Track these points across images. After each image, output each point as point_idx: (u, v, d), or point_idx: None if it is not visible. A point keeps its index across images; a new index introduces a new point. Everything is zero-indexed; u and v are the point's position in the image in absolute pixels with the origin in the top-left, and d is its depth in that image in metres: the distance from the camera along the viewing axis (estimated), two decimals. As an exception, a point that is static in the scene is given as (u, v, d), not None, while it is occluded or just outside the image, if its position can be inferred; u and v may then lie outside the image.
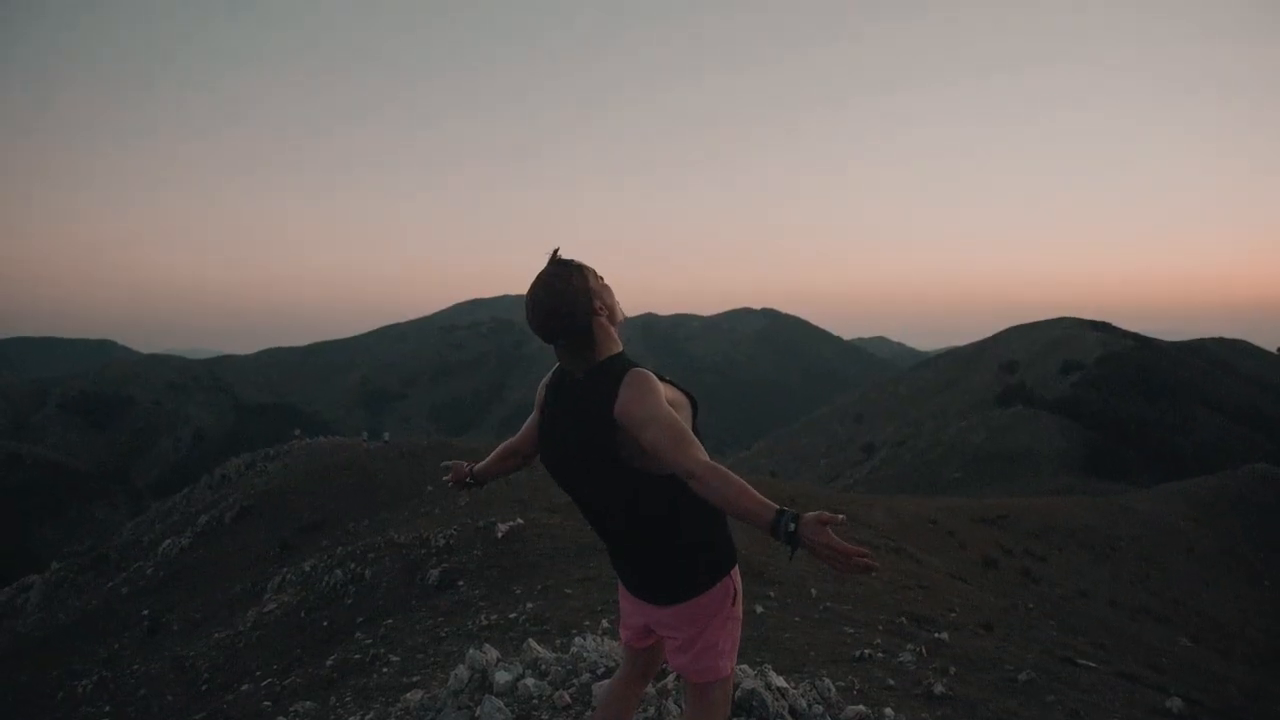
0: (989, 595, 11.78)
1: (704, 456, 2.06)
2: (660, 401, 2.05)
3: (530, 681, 3.25)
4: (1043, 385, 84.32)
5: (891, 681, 4.82)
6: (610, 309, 2.18)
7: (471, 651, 3.51)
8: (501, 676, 3.27)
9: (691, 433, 2.08)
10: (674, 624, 2.20)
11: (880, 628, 6.85)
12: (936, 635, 6.63)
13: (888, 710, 3.85)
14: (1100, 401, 76.93)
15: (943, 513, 23.97)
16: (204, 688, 9.28)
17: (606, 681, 2.62)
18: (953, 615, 8.22)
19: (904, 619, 7.37)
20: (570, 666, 3.49)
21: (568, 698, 3.24)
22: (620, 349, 2.19)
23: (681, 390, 2.21)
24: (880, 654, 5.61)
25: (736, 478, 2.01)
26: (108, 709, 10.17)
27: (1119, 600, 17.94)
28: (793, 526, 1.86)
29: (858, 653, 5.53)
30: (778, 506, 1.93)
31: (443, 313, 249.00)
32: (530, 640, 3.82)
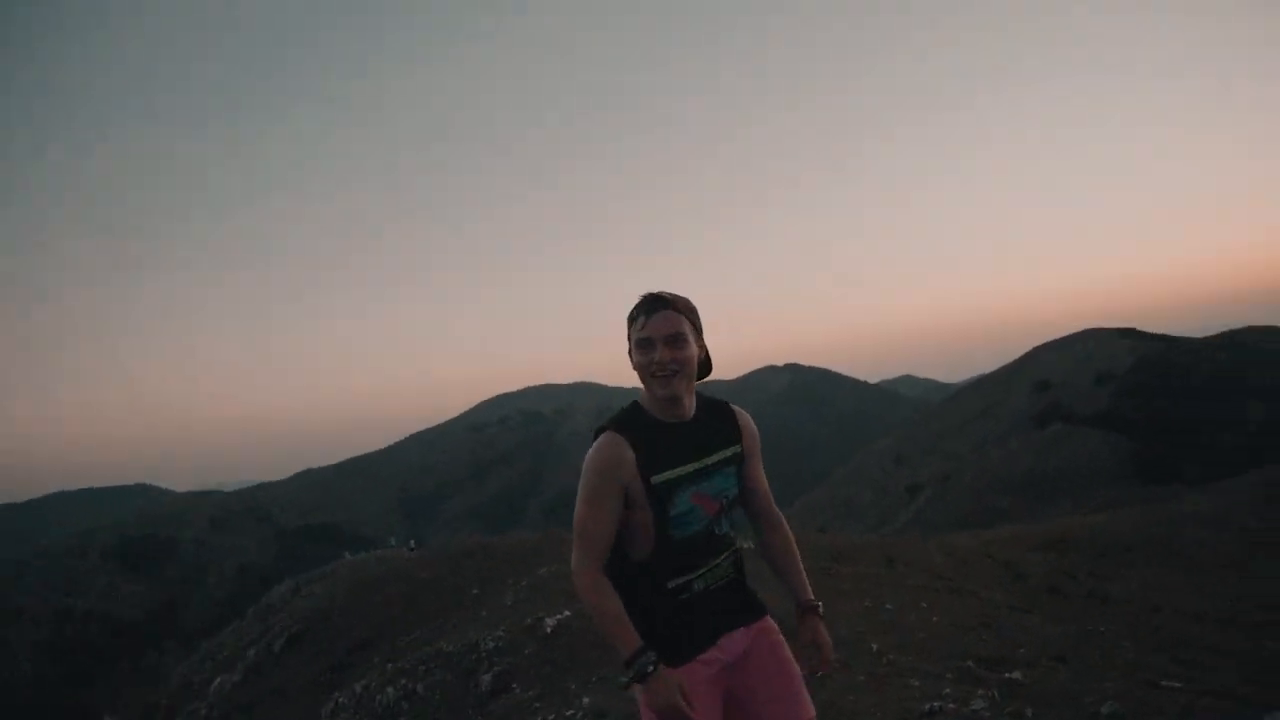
0: (1057, 624, 11.34)
1: (578, 556, 2.13)
2: (584, 480, 2.15)
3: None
4: (1079, 400, 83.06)
5: (967, 733, 4.58)
6: (643, 367, 2.19)
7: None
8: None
9: (585, 521, 2.12)
10: None
11: (949, 676, 6.56)
12: (1008, 675, 6.34)
13: (966, 766, 3.63)
14: (1140, 408, 75.60)
15: (997, 544, 23.33)
16: (266, 829, 9.03)
17: None
18: (1022, 651, 7.88)
19: (972, 663, 7.07)
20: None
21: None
22: (633, 404, 2.26)
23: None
24: (951, 704, 5.35)
25: (600, 596, 2.09)
26: None
27: (1195, 610, 17.19)
28: (651, 669, 2.01)
29: (926, 706, 5.28)
30: (641, 646, 2.04)
31: (470, 412, 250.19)
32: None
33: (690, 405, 2.23)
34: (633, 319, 2.17)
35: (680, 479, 2.15)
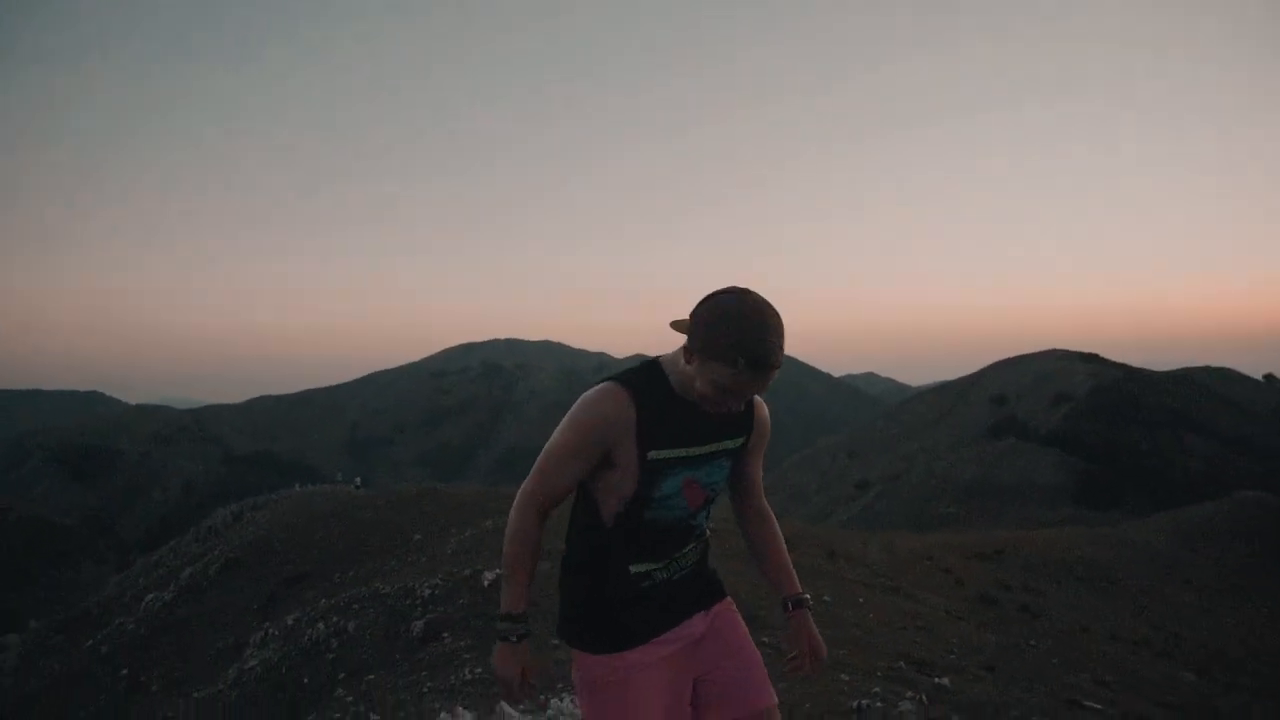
0: (989, 634, 11.54)
1: (531, 486, 1.96)
2: (569, 421, 1.91)
3: (502, 751, 3.05)
4: (1034, 418, 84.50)
5: (891, 734, 4.60)
6: (706, 396, 1.89)
7: (443, 716, 3.31)
8: (472, 745, 3.07)
9: (555, 459, 1.92)
10: None
11: (879, 674, 6.61)
12: (937, 680, 6.41)
13: (888, 767, 3.63)
14: (1092, 433, 77.09)
15: (939, 548, 23.68)
16: (179, 751, 8.95)
17: None
18: (952, 657, 7.98)
19: (903, 663, 7.14)
20: (545, 733, 3.27)
21: (546, 765, 3.02)
22: (654, 363, 2.01)
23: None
24: (879, 704, 5.38)
25: (522, 544, 1.95)
26: (81, 775, 9.80)
27: (1119, 634, 17.62)
28: (514, 639, 1.94)
29: (855, 703, 5.30)
30: (521, 612, 1.95)
31: (432, 358, 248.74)
32: (503, 704, 3.62)
33: None
34: (726, 354, 1.79)
35: (676, 461, 1.93)
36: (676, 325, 1.91)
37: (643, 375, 1.94)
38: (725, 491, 2.24)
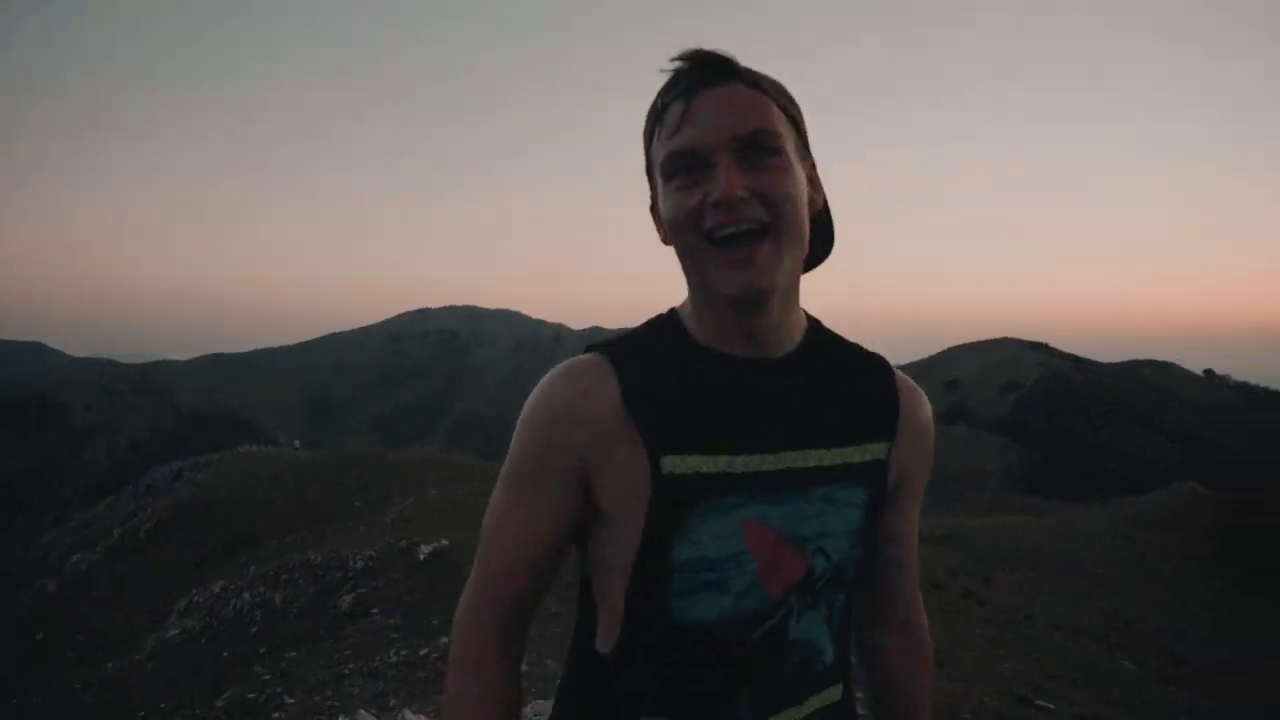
0: (935, 622, 11.39)
1: (471, 581, 0.98)
2: (512, 444, 0.96)
3: (391, 774, 2.66)
4: (984, 405, 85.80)
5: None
6: (680, 224, 0.90)
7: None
8: (359, 763, 2.67)
9: (499, 507, 0.95)
10: None
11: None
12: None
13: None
14: (1040, 421, 78.48)
15: (887, 532, 23.70)
16: (85, 727, 8.44)
17: None
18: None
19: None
20: (445, 751, 2.88)
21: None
22: (668, 314, 1.02)
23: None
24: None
25: (467, 686, 0.91)
26: (-20, 748, 9.25)
27: (1064, 622, 17.74)
28: None
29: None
30: None
31: (388, 321, 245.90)
32: (406, 711, 3.21)
33: (790, 325, 0.96)
34: (658, 113, 0.90)
35: (719, 481, 0.89)
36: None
37: (642, 334, 0.98)
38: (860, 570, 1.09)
